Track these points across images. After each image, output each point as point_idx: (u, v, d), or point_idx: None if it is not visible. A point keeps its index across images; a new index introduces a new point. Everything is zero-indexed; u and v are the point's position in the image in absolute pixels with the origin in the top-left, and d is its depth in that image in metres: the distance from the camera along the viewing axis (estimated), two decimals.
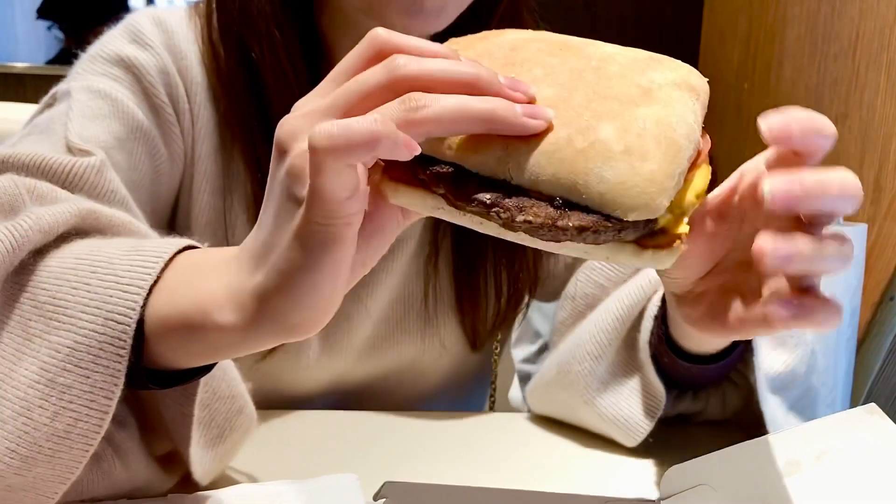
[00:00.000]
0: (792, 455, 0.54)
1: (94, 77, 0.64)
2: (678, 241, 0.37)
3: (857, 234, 1.30)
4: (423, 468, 0.60)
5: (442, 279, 0.75)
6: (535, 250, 0.72)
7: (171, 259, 0.44)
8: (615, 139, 0.36)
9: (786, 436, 0.56)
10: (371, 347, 0.75)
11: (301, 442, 0.64)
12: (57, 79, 0.67)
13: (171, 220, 0.71)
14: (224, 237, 0.69)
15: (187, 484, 0.53)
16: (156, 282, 0.43)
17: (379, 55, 0.38)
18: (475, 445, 0.66)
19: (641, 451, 0.64)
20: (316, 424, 0.68)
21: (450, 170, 0.37)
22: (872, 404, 0.57)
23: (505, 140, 0.36)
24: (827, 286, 1.43)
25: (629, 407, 0.64)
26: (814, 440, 0.55)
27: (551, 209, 0.36)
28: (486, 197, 0.36)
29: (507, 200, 0.36)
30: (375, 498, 0.52)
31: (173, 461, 0.52)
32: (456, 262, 0.74)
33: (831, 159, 1.62)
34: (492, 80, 0.37)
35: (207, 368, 0.48)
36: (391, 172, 0.39)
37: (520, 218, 0.35)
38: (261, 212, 0.40)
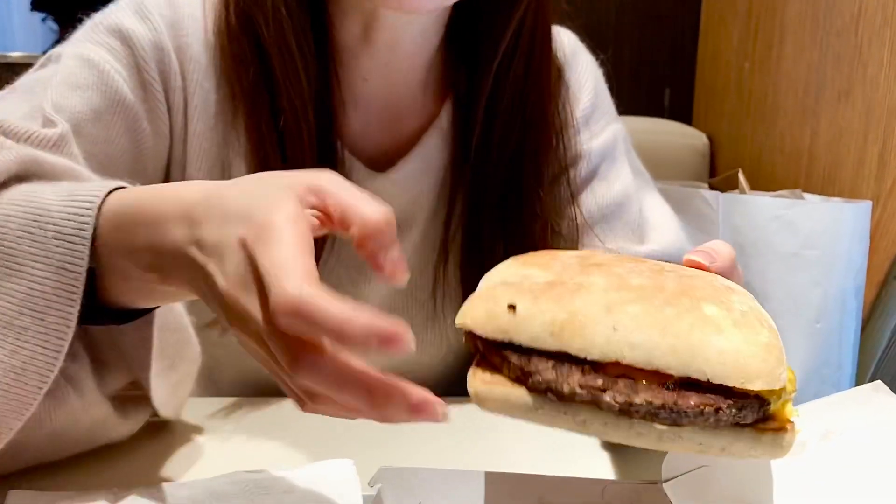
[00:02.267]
0: (807, 430, 0.53)
1: (89, 45, 0.64)
2: (791, 425, 0.37)
3: (861, 211, 1.28)
4: (420, 454, 0.60)
5: (450, 280, 0.74)
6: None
7: (102, 202, 0.46)
8: (722, 316, 0.36)
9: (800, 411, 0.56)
10: None
11: (297, 428, 0.64)
12: None
13: None
14: None
15: (149, 430, 0.57)
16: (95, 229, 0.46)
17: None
18: (473, 430, 0.65)
19: None
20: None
21: (551, 363, 0.36)
22: (878, 382, 0.56)
23: (612, 318, 0.35)
24: (828, 265, 1.42)
25: None
26: (819, 419, 0.54)
27: (667, 391, 0.35)
28: (597, 382, 0.35)
29: (618, 384, 0.35)
30: (371, 484, 0.52)
31: (127, 404, 0.55)
32: (465, 263, 0.73)
33: (835, 136, 1.61)
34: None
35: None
36: (481, 369, 0.38)
37: (638, 399, 0.34)
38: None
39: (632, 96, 1.97)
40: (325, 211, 0.41)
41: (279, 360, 0.37)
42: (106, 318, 0.49)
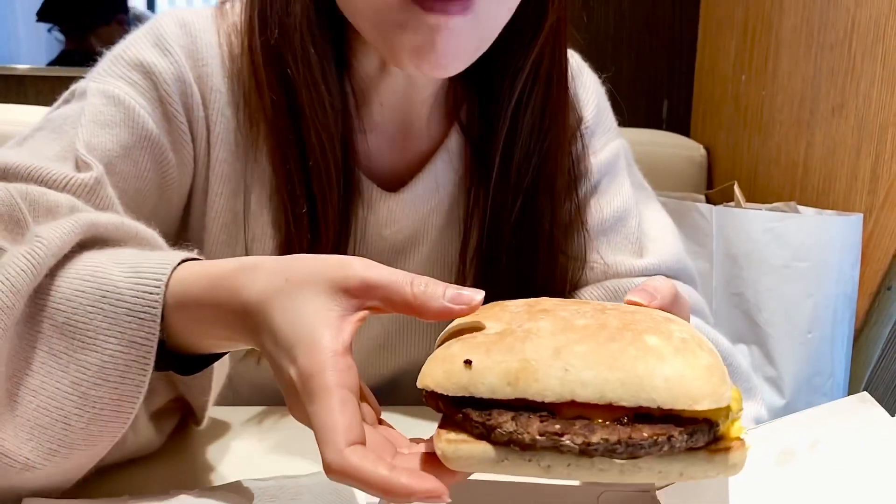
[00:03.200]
0: (786, 444, 0.55)
1: (112, 80, 0.66)
2: (740, 442, 0.39)
3: (851, 223, 1.30)
4: None
5: None
6: (564, 276, 0.73)
7: (168, 279, 0.49)
8: (662, 345, 0.38)
9: (780, 425, 0.57)
10: (380, 347, 0.76)
11: (304, 436, 0.65)
12: (58, 80, 0.68)
13: (185, 218, 0.72)
14: (239, 237, 0.70)
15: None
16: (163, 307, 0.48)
17: None
18: None
19: None
20: None
21: (510, 414, 0.37)
22: (865, 393, 0.58)
23: (562, 359, 0.37)
24: (819, 277, 1.43)
25: None
26: (808, 429, 0.56)
27: (621, 426, 0.36)
28: (555, 427, 0.36)
29: (574, 426, 0.36)
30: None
31: (161, 419, 0.59)
32: (480, 283, 0.74)
33: (829, 149, 1.63)
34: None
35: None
36: (445, 429, 0.39)
37: (595, 438, 0.36)
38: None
39: (630, 108, 1.98)
40: (379, 306, 0.43)
41: None
42: (170, 365, 0.52)
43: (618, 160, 0.80)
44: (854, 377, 1.35)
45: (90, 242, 0.53)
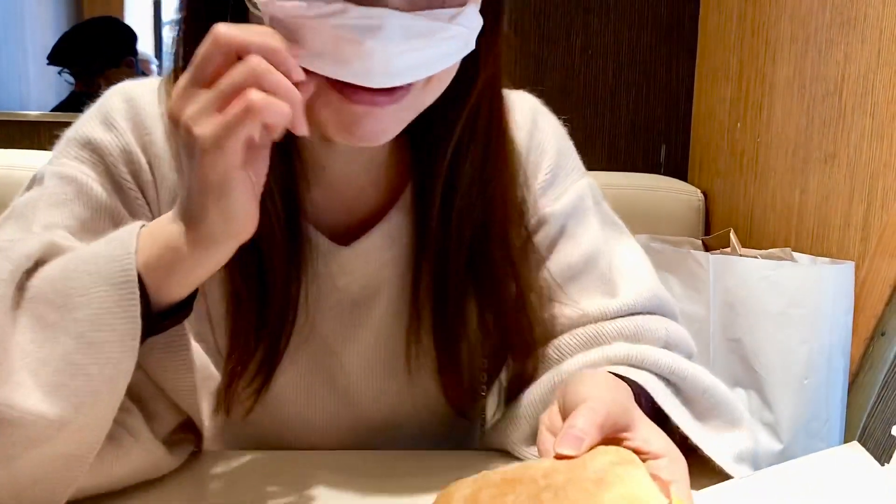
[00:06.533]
0: (782, 491, 0.57)
1: (66, 160, 0.69)
2: None
3: (843, 272, 1.33)
4: None
5: (423, 344, 0.75)
6: (529, 322, 0.74)
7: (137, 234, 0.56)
8: None
9: (776, 473, 0.59)
10: (349, 404, 0.76)
11: (304, 481, 0.66)
12: (70, 124, 0.71)
13: None
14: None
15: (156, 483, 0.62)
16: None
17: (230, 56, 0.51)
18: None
19: None
20: (319, 464, 0.70)
21: None
22: (855, 442, 0.60)
23: None
24: (814, 324, 1.44)
25: None
26: (802, 477, 0.58)
27: None
28: None
29: None
30: None
31: (174, 445, 0.63)
32: (436, 327, 0.74)
33: (822, 197, 1.67)
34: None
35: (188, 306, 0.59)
36: None
37: None
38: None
39: (629, 152, 2.02)
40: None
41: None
42: (156, 328, 0.57)
43: (583, 201, 0.79)
44: (850, 422, 1.36)
45: (56, 255, 0.58)
